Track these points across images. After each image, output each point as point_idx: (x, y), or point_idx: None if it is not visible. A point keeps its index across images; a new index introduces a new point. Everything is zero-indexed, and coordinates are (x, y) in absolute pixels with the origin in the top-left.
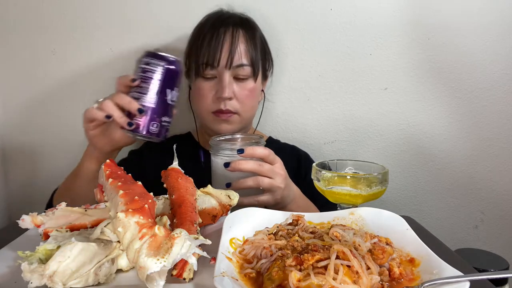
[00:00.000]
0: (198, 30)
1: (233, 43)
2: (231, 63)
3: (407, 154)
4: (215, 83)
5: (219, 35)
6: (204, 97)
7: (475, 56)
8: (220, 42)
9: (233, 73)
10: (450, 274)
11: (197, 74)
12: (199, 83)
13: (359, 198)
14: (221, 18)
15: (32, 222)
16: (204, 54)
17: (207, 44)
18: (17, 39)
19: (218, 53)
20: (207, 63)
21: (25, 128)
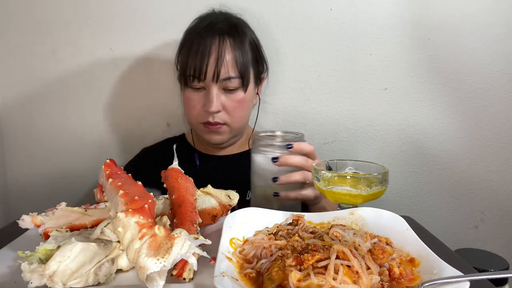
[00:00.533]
0: (186, 35)
1: (220, 55)
2: (217, 76)
3: (407, 154)
4: (203, 94)
5: (206, 46)
6: (192, 108)
7: (475, 56)
8: (206, 55)
9: (221, 86)
10: (450, 274)
11: (186, 84)
12: (188, 93)
13: (359, 198)
14: (209, 25)
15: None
16: (191, 66)
17: (193, 55)
18: (17, 39)
19: (204, 67)
20: (194, 75)
21: (25, 128)
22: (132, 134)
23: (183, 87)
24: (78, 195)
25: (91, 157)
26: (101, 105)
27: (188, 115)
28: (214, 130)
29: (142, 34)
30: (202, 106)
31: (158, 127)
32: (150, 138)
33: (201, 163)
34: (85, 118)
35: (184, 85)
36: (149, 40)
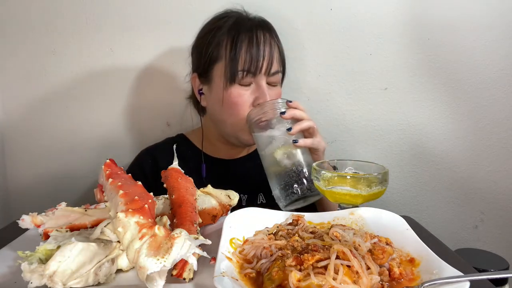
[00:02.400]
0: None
1: (271, 49)
2: (270, 70)
3: (407, 154)
4: (252, 90)
5: (259, 39)
6: (241, 104)
7: (475, 56)
8: (261, 48)
9: (267, 80)
10: (450, 274)
11: (233, 81)
12: (236, 90)
13: (359, 198)
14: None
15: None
16: (244, 60)
17: (247, 49)
18: (17, 39)
19: (260, 60)
20: (249, 70)
21: (25, 128)
22: (132, 134)
23: (227, 85)
24: (78, 195)
25: (91, 157)
26: (101, 105)
27: (235, 113)
28: None
29: (142, 34)
30: (252, 102)
31: (158, 127)
32: (150, 138)
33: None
34: (85, 118)
35: (229, 82)
36: (149, 40)
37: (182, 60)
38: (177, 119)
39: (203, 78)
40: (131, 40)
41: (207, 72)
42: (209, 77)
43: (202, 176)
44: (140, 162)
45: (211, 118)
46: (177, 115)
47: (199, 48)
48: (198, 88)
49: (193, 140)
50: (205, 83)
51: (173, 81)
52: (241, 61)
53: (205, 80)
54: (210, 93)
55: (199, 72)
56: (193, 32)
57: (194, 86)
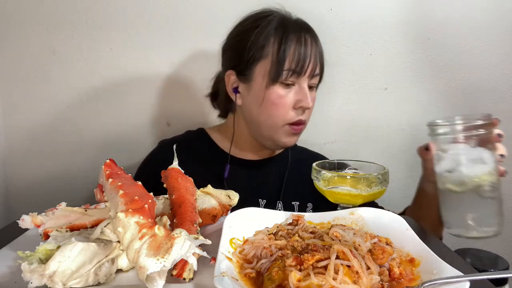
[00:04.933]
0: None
1: (316, 51)
2: (313, 72)
3: (407, 154)
4: (295, 92)
5: (306, 40)
6: (283, 106)
7: (475, 56)
8: (308, 49)
9: (309, 82)
10: (450, 274)
11: (276, 80)
12: (277, 90)
13: (359, 198)
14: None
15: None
16: (292, 59)
17: (295, 49)
18: (18, 39)
19: (307, 61)
20: (295, 70)
21: (25, 127)
22: (132, 134)
23: (269, 84)
24: (78, 195)
25: (91, 157)
26: (101, 105)
27: (273, 114)
28: (299, 130)
29: (142, 34)
30: (294, 103)
31: (158, 127)
32: (150, 138)
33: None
34: (85, 118)
35: (272, 81)
36: (149, 40)
37: (182, 59)
38: (177, 119)
39: (241, 76)
40: (131, 40)
41: (248, 70)
42: (249, 75)
43: (224, 177)
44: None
45: (246, 118)
46: (177, 115)
47: (240, 45)
48: (233, 86)
49: (215, 138)
50: (243, 81)
51: (173, 81)
52: (288, 60)
53: (244, 78)
54: (248, 92)
55: (238, 70)
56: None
57: (228, 84)
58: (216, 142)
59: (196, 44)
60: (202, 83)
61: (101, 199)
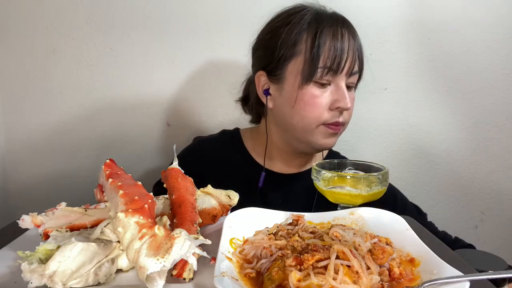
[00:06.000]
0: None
1: (355, 47)
2: (352, 70)
3: (407, 154)
4: (331, 91)
5: (343, 35)
6: (318, 106)
7: (475, 56)
8: (345, 45)
9: (346, 81)
10: (450, 274)
11: (310, 79)
12: (311, 89)
13: (359, 198)
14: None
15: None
16: (328, 56)
17: (330, 44)
18: (17, 39)
19: (344, 59)
20: (331, 68)
21: (25, 127)
22: (132, 134)
23: (303, 83)
24: (78, 195)
25: (91, 157)
26: (102, 105)
27: (309, 115)
28: (337, 130)
29: (142, 33)
30: (331, 104)
31: (158, 127)
32: (150, 138)
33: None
34: (85, 118)
35: (306, 80)
36: (149, 40)
37: (182, 59)
38: (177, 119)
39: (272, 76)
40: (131, 40)
41: (279, 69)
42: (280, 75)
43: (259, 185)
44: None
45: (278, 122)
46: (177, 115)
47: (271, 43)
48: (263, 88)
49: (247, 143)
50: (274, 82)
51: (173, 81)
52: (323, 57)
53: (275, 78)
54: (279, 93)
55: (268, 70)
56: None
57: (258, 86)
58: (247, 148)
59: (197, 44)
60: (202, 83)
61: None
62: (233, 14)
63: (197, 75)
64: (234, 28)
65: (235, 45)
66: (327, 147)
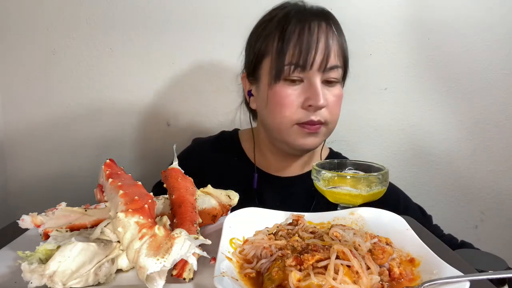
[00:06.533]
0: (276, 24)
1: (328, 40)
2: (326, 65)
3: (407, 154)
4: (303, 88)
5: (311, 30)
6: (289, 105)
7: (475, 56)
8: (314, 40)
9: (324, 77)
10: (450, 274)
11: (278, 77)
12: (281, 88)
13: (359, 198)
14: (306, 9)
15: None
16: (292, 53)
17: (296, 41)
18: (17, 39)
19: (312, 53)
20: (297, 64)
21: (25, 128)
22: (132, 134)
23: (273, 83)
24: (78, 195)
25: (91, 157)
26: (102, 105)
27: (278, 115)
28: (314, 130)
29: (142, 34)
30: (303, 102)
31: (158, 127)
32: (150, 138)
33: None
34: (85, 118)
35: (275, 79)
36: (149, 40)
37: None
38: (177, 119)
39: (251, 77)
40: (131, 40)
41: (256, 70)
42: (257, 75)
43: (253, 187)
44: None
45: (261, 123)
46: (177, 115)
47: (249, 43)
48: (247, 89)
49: (244, 145)
50: (253, 82)
51: (174, 80)
52: (289, 53)
53: (254, 79)
54: (258, 93)
55: (248, 71)
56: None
57: (244, 87)
58: (245, 150)
59: (197, 44)
60: (202, 83)
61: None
62: (233, 14)
63: (197, 75)
64: (234, 28)
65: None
66: (306, 148)
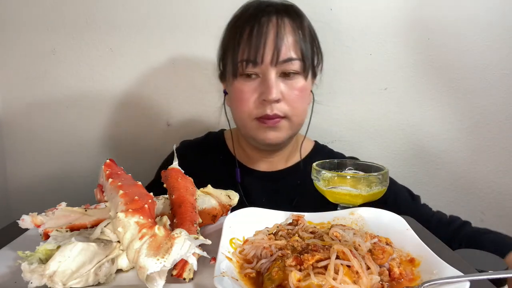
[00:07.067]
0: (234, 23)
1: (279, 34)
2: (277, 58)
3: (407, 154)
4: (259, 83)
5: (261, 25)
6: (245, 101)
7: (475, 56)
8: (263, 34)
9: (279, 70)
10: (450, 274)
11: (235, 74)
12: (238, 84)
13: (359, 198)
14: (261, 6)
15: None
16: (244, 49)
17: (247, 38)
18: (17, 39)
19: (261, 48)
20: (248, 59)
21: (25, 128)
22: (132, 134)
23: (232, 79)
24: (78, 195)
25: (91, 157)
26: (101, 105)
27: (239, 111)
28: (272, 125)
29: (142, 34)
30: (258, 97)
31: (158, 127)
32: (150, 138)
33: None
34: (85, 118)
35: (233, 77)
36: (149, 40)
37: (183, 59)
38: (177, 119)
39: (222, 76)
40: (131, 40)
41: (223, 69)
42: (225, 73)
43: (237, 181)
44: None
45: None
46: (177, 115)
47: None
48: (223, 88)
49: (228, 143)
50: (223, 81)
51: (173, 81)
52: (241, 50)
53: (224, 78)
54: (228, 91)
55: (219, 72)
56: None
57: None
58: (230, 148)
59: (197, 44)
60: (202, 83)
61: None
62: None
63: (197, 75)
64: None
65: None
66: (269, 142)
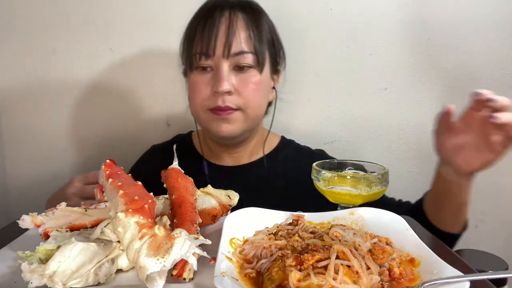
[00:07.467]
0: (191, 20)
1: (231, 27)
2: (228, 51)
3: (407, 154)
4: (212, 75)
5: (214, 19)
6: (199, 92)
7: (475, 56)
8: (214, 28)
9: (232, 63)
10: (450, 274)
11: (191, 67)
12: (194, 77)
13: (359, 198)
14: (218, 2)
15: (32, 222)
16: (197, 43)
17: (200, 32)
18: (17, 39)
19: (212, 40)
20: (201, 52)
21: (25, 128)
22: (132, 134)
23: (189, 73)
24: None
25: (91, 157)
26: (101, 105)
27: (193, 102)
28: (225, 116)
29: (142, 34)
30: (211, 89)
31: (158, 127)
32: (150, 138)
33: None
34: (85, 118)
35: (189, 70)
36: (149, 40)
37: None
38: (177, 119)
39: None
40: (131, 40)
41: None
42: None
43: (206, 174)
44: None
45: None
46: (177, 115)
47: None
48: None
49: (196, 143)
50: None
51: (173, 81)
52: (195, 44)
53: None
54: None
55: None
56: None
57: None
58: (196, 147)
59: None
60: None
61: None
62: None
63: None
64: None
65: None
66: (223, 135)
